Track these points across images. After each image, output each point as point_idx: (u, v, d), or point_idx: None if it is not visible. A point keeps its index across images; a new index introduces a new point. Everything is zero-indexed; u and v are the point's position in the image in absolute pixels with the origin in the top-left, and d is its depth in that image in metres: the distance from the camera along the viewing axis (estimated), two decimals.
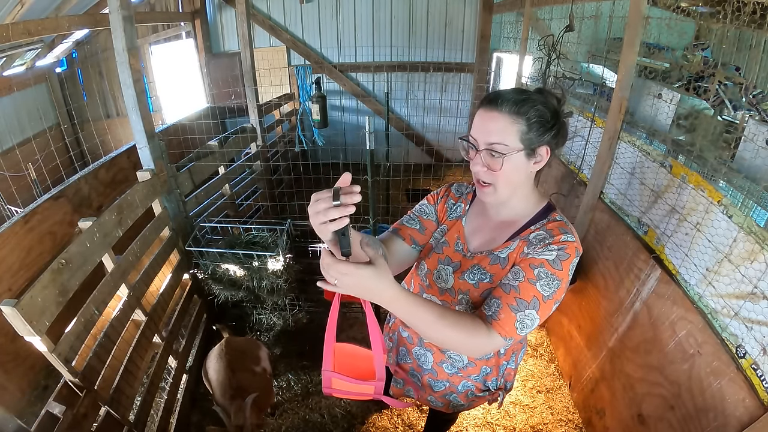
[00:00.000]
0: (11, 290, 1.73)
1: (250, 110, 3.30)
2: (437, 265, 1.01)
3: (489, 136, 0.81)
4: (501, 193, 0.87)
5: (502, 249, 0.91)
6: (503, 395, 1.13)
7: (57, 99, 4.51)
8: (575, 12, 2.03)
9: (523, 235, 0.90)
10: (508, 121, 0.80)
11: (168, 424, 1.85)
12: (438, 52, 4.70)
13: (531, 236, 0.88)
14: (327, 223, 0.65)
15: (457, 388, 1.11)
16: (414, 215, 1.07)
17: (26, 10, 2.87)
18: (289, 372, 2.23)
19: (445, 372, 1.09)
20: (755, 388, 1.08)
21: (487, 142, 0.82)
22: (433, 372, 1.11)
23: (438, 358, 1.08)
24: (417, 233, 1.04)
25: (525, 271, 0.83)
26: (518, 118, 0.80)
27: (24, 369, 1.83)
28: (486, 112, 0.83)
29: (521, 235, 0.90)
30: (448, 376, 1.09)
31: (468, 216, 1.02)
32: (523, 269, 0.83)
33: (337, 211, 0.64)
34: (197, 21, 4.64)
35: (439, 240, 1.04)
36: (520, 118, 0.80)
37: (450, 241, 1.01)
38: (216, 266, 2.17)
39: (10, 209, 3.04)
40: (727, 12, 1.37)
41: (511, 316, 0.81)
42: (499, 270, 0.90)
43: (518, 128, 0.80)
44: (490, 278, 0.91)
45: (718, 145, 1.54)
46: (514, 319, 0.81)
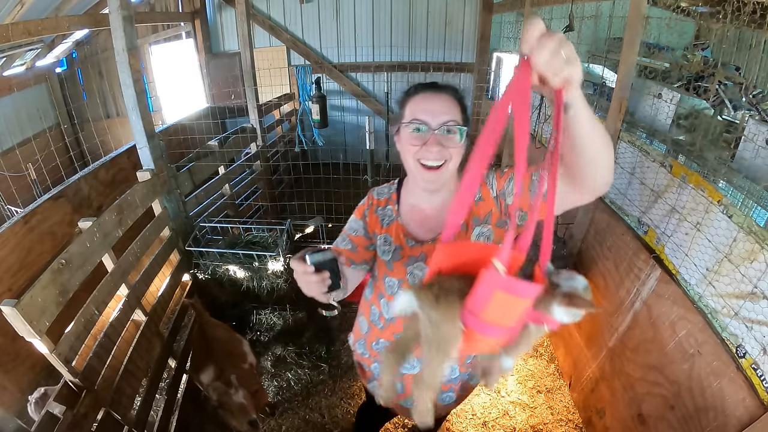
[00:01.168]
0: (11, 290, 1.73)
1: (250, 110, 3.30)
2: (405, 270, 0.97)
3: (443, 115, 0.84)
4: (450, 170, 0.88)
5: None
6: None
7: (57, 99, 4.51)
8: (575, 12, 2.03)
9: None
10: (452, 102, 0.86)
11: (168, 424, 1.84)
12: (438, 52, 4.70)
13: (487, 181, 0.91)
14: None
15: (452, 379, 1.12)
16: (344, 235, 1.04)
17: (26, 10, 2.87)
18: (289, 372, 2.23)
19: (469, 364, 1.09)
20: (755, 388, 1.08)
21: (442, 121, 0.84)
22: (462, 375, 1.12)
23: (462, 358, 1.07)
24: (351, 253, 1.00)
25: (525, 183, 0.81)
26: (456, 100, 0.87)
27: (24, 369, 1.83)
28: (430, 95, 0.86)
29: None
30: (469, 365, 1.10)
31: (401, 215, 1.00)
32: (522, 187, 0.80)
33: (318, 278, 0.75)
34: (197, 21, 4.63)
35: (391, 249, 0.99)
36: (457, 100, 0.87)
37: (402, 244, 0.98)
38: (216, 266, 2.17)
39: (10, 209, 3.04)
40: (727, 12, 1.37)
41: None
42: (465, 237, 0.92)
43: (459, 109, 0.87)
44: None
45: (718, 145, 1.54)
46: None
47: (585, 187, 0.71)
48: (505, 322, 0.58)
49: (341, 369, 2.25)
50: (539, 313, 0.61)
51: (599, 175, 0.68)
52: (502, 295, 0.55)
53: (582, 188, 0.71)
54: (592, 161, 0.66)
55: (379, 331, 1.09)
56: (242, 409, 1.56)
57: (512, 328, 0.60)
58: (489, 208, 0.91)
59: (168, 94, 5.15)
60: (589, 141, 0.63)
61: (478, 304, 0.57)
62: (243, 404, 1.57)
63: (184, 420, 1.94)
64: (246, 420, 1.56)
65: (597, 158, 0.65)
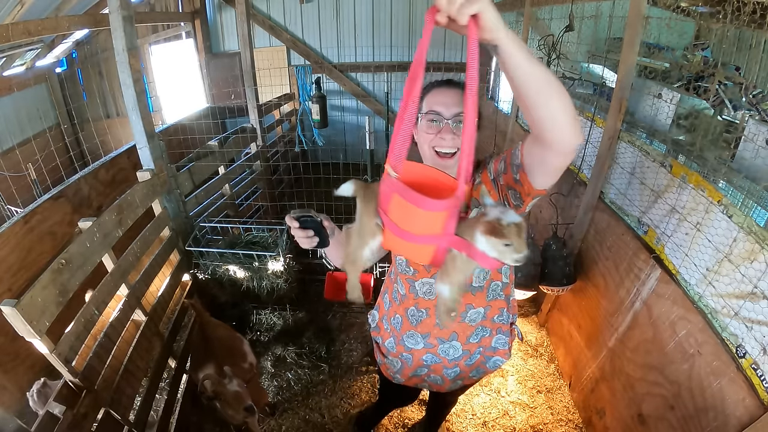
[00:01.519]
0: (11, 290, 1.73)
1: (250, 110, 3.30)
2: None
3: (455, 107, 0.92)
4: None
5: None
6: (518, 328, 1.23)
7: (57, 99, 4.51)
8: (575, 12, 2.03)
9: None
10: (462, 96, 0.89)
11: (168, 424, 1.85)
12: (438, 52, 4.70)
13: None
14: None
15: (490, 346, 1.16)
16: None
17: (26, 10, 2.87)
18: (289, 372, 2.23)
19: (474, 343, 1.13)
20: (755, 388, 1.08)
21: (454, 112, 0.92)
22: (466, 353, 1.15)
23: (464, 338, 1.11)
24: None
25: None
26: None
27: (24, 369, 1.83)
28: (444, 89, 0.95)
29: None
30: (478, 344, 1.14)
31: None
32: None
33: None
34: (197, 21, 4.64)
35: None
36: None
37: None
38: (216, 266, 2.17)
39: (10, 209, 3.04)
40: (727, 12, 1.37)
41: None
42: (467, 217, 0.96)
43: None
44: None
45: (718, 145, 1.54)
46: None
47: (550, 145, 0.72)
48: (408, 227, 0.68)
49: (341, 369, 2.25)
50: (463, 241, 0.66)
51: (558, 129, 0.69)
52: (398, 199, 0.66)
53: (548, 146, 0.73)
54: (546, 112, 0.67)
55: (396, 306, 1.18)
56: (237, 396, 1.56)
57: (422, 237, 0.68)
58: (486, 189, 0.97)
59: (168, 94, 5.16)
60: (534, 84, 0.64)
61: (384, 204, 0.70)
62: (238, 392, 1.56)
63: (184, 420, 1.94)
64: (242, 407, 1.56)
65: (548, 106, 0.66)
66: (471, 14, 0.56)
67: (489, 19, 0.57)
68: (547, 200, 2.46)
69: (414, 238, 0.68)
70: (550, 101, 0.66)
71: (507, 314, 1.15)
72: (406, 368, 1.24)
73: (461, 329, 1.10)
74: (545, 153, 0.75)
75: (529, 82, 0.64)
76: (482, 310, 1.09)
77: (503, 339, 1.17)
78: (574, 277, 1.98)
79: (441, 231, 0.66)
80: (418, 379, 1.26)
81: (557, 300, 2.35)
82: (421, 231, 0.67)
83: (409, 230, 0.68)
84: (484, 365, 1.20)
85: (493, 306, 1.10)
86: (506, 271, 1.09)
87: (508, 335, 1.18)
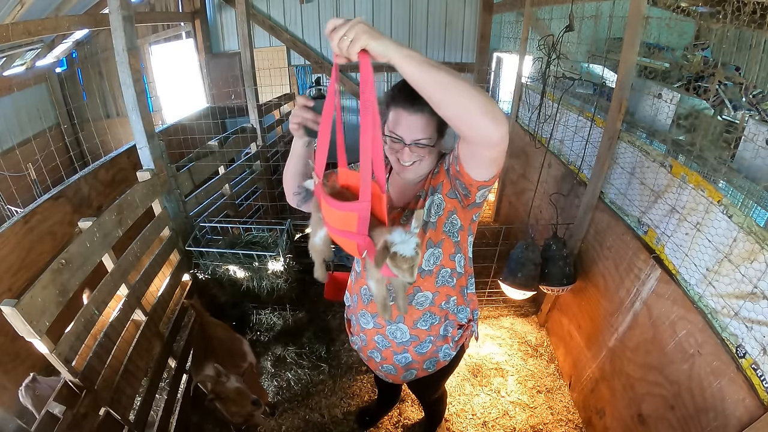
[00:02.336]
0: (11, 290, 1.73)
1: (250, 110, 3.30)
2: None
3: (416, 133, 0.96)
4: (423, 166, 1.02)
5: (420, 189, 1.07)
6: (476, 326, 1.28)
7: (57, 99, 4.51)
8: (575, 12, 2.03)
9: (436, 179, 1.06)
10: (428, 119, 0.95)
11: (168, 424, 1.84)
12: (438, 52, 4.70)
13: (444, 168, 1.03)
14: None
15: (440, 334, 1.18)
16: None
17: (26, 10, 2.87)
18: (289, 372, 2.23)
19: (423, 329, 1.15)
20: (755, 388, 1.08)
21: (415, 138, 0.97)
22: (414, 338, 1.16)
23: (411, 322, 1.13)
24: None
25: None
26: (432, 117, 0.95)
27: (24, 369, 1.82)
28: (410, 114, 0.95)
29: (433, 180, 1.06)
30: (428, 332, 1.15)
31: (391, 177, 1.14)
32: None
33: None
34: (197, 21, 4.63)
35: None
36: (432, 116, 0.95)
37: None
38: (216, 266, 2.17)
39: (10, 209, 3.04)
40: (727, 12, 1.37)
41: None
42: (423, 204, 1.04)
43: (434, 124, 0.97)
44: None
45: (718, 145, 1.54)
46: None
47: (470, 140, 0.80)
48: (332, 223, 0.83)
49: (341, 369, 2.25)
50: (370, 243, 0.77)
51: (469, 125, 0.75)
52: (322, 201, 0.82)
53: (469, 140, 0.81)
54: (451, 111, 0.74)
55: (352, 285, 1.25)
56: (240, 392, 1.55)
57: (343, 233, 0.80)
58: (440, 179, 1.03)
59: (168, 94, 5.16)
60: (430, 87, 0.72)
61: (319, 203, 0.86)
62: (239, 388, 1.56)
63: (184, 420, 1.94)
64: (248, 401, 1.55)
65: (452, 105, 0.73)
66: (359, 51, 0.69)
67: (375, 48, 0.69)
68: (547, 200, 2.46)
69: (338, 233, 0.83)
70: (453, 101, 0.72)
71: (457, 306, 1.17)
72: (363, 348, 1.28)
73: (408, 312, 1.12)
74: (470, 146, 0.84)
75: (426, 87, 0.72)
76: (429, 295, 1.11)
77: (450, 328, 1.19)
78: (574, 277, 1.98)
79: (356, 230, 0.77)
80: (375, 365, 1.28)
81: (557, 300, 2.35)
82: (341, 227, 0.81)
83: (334, 226, 0.83)
84: (437, 354, 1.22)
85: (441, 292, 1.11)
86: (460, 260, 1.11)
87: (454, 327, 1.20)
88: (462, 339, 1.26)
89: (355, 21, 0.69)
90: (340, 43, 0.69)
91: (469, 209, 1.03)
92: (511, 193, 3.45)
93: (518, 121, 3.28)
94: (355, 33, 0.68)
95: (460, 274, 1.13)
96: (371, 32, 0.69)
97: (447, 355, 1.24)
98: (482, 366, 2.27)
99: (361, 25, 0.69)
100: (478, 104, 0.72)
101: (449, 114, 0.75)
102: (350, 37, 0.68)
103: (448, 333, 1.19)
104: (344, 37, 0.68)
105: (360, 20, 0.70)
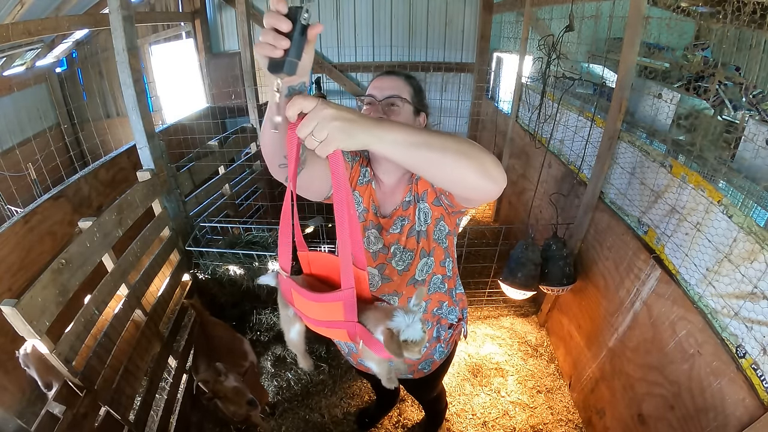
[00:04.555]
0: (11, 290, 1.72)
1: (250, 110, 3.30)
2: (365, 233, 1.07)
3: (388, 90, 0.98)
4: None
5: (407, 194, 1.04)
6: (465, 325, 1.26)
7: (57, 99, 4.51)
8: (575, 12, 2.03)
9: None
10: (401, 83, 1.00)
11: (168, 424, 1.84)
12: (438, 52, 4.70)
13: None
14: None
15: (433, 337, 1.18)
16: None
17: (26, 10, 2.87)
18: (289, 372, 2.23)
19: None
20: (755, 388, 1.08)
21: (386, 95, 0.98)
22: None
23: None
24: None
25: None
26: (408, 83, 1.01)
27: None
28: (383, 77, 1.01)
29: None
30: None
31: (375, 180, 1.09)
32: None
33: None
34: (197, 21, 4.63)
35: (358, 209, 1.07)
36: (408, 83, 1.01)
37: (368, 207, 1.07)
38: (216, 266, 2.17)
39: (10, 209, 3.04)
40: (727, 12, 1.37)
41: None
42: (413, 210, 1.03)
43: (409, 90, 1.00)
44: (407, 219, 1.04)
45: (718, 145, 1.54)
46: None
47: (467, 199, 0.84)
48: (313, 315, 0.74)
49: (341, 369, 2.25)
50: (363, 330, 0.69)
51: (466, 188, 0.71)
52: (296, 294, 0.74)
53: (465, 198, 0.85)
54: (447, 180, 0.70)
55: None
56: (237, 391, 1.55)
57: (328, 323, 0.72)
58: (425, 187, 1.03)
59: (168, 94, 5.15)
60: (420, 165, 0.66)
61: (287, 296, 0.78)
62: (237, 387, 1.55)
63: (184, 420, 1.94)
64: (244, 401, 1.55)
65: (446, 176, 0.68)
66: (331, 152, 0.59)
67: (351, 146, 0.59)
68: (547, 200, 2.46)
69: (320, 324, 0.74)
70: (446, 174, 0.67)
71: (448, 308, 1.17)
72: (353, 354, 1.25)
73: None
74: (464, 198, 0.87)
75: (417, 167, 0.66)
76: (423, 304, 1.10)
77: (443, 331, 1.19)
78: (574, 277, 1.98)
79: (343, 318, 0.69)
80: (366, 368, 1.27)
81: (557, 300, 2.35)
82: (324, 318, 0.72)
83: (315, 317, 0.74)
84: (432, 356, 1.22)
85: (433, 299, 1.11)
86: (449, 264, 1.11)
87: (446, 329, 1.19)
88: (454, 337, 1.26)
89: (328, 115, 0.56)
90: (308, 141, 0.58)
91: (454, 215, 1.05)
92: (511, 193, 3.46)
93: (518, 121, 3.28)
94: (327, 134, 0.56)
95: (449, 277, 1.13)
96: (347, 128, 0.57)
97: (442, 354, 1.24)
98: (482, 366, 2.27)
99: (336, 123, 0.56)
100: (474, 169, 0.66)
101: (445, 185, 0.73)
102: (320, 138, 0.57)
103: (441, 335, 1.19)
104: (311, 136, 0.57)
105: (332, 115, 0.56)
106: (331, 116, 0.56)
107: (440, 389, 1.77)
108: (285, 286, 0.77)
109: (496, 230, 3.19)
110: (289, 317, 0.82)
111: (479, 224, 3.84)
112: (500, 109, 3.94)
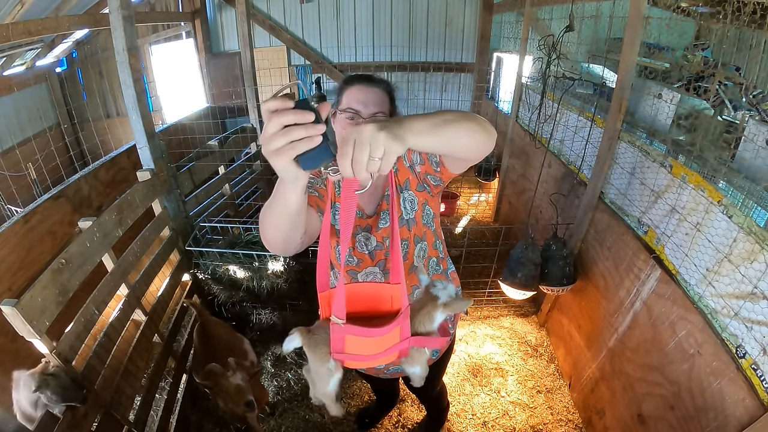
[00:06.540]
0: (11, 290, 1.72)
1: (250, 110, 3.30)
2: (355, 239, 1.07)
3: (374, 107, 0.97)
4: None
5: (386, 187, 1.05)
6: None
7: (57, 99, 4.51)
8: (575, 12, 2.03)
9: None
10: (382, 95, 1.00)
11: (168, 424, 1.85)
12: (438, 52, 4.70)
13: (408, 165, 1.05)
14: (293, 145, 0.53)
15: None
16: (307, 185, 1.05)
17: (26, 10, 2.87)
18: (289, 372, 2.23)
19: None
20: (755, 388, 1.08)
21: (372, 112, 0.97)
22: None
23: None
24: (319, 200, 0.99)
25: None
26: (386, 94, 1.01)
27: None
28: (365, 87, 0.99)
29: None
30: None
31: None
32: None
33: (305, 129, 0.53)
34: (197, 21, 4.64)
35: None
36: (387, 94, 1.02)
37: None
38: (216, 266, 2.17)
39: (10, 209, 3.04)
40: (727, 12, 1.37)
41: None
42: (397, 201, 1.04)
43: (388, 100, 1.01)
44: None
45: (718, 145, 1.54)
46: None
47: (466, 160, 0.87)
48: (368, 351, 0.75)
49: None
50: (419, 339, 0.77)
51: (470, 152, 0.77)
52: (352, 338, 0.73)
53: (465, 159, 0.87)
54: (460, 152, 0.76)
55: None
56: (239, 390, 1.54)
57: (385, 352, 0.75)
58: (407, 176, 1.05)
59: (168, 94, 5.16)
60: (446, 147, 0.71)
61: (337, 347, 0.74)
62: (240, 386, 1.55)
63: (184, 420, 1.94)
64: (243, 401, 1.55)
65: (461, 148, 0.74)
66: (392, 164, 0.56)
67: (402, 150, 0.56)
68: (547, 200, 2.46)
69: (378, 356, 0.77)
70: (462, 145, 0.73)
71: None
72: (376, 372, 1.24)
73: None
74: (464, 161, 0.90)
75: (441, 144, 0.69)
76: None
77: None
78: (574, 277, 1.98)
79: (399, 339, 0.75)
80: (375, 371, 1.26)
81: (557, 300, 2.35)
82: (381, 349, 0.75)
83: (370, 353, 0.76)
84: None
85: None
86: (439, 245, 1.15)
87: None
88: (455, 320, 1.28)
89: (371, 131, 0.53)
90: (370, 166, 0.53)
91: (436, 196, 1.08)
92: (511, 193, 3.46)
93: (518, 121, 3.28)
94: (383, 148, 0.53)
95: (442, 258, 1.16)
96: (394, 133, 0.54)
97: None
98: (482, 366, 2.27)
99: (383, 133, 0.53)
100: (478, 129, 0.72)
101: (462, 151, 0.75)
102: (379, 155, 0.53)
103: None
104: (372, 159, 0.53)
105: (374, 128, 0.53)
106: (373, 129, 0.53)
107: (442, 386, 1.77)
108: (337, 335, 0.73)
109: (496, 230, 3.19)
110: (329, 370, 0.77)
111: (479, 224, 3.84)
112: (500, 109, 3.94)
